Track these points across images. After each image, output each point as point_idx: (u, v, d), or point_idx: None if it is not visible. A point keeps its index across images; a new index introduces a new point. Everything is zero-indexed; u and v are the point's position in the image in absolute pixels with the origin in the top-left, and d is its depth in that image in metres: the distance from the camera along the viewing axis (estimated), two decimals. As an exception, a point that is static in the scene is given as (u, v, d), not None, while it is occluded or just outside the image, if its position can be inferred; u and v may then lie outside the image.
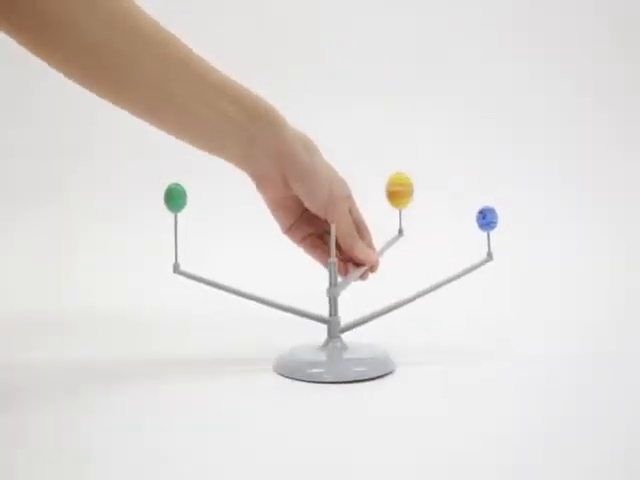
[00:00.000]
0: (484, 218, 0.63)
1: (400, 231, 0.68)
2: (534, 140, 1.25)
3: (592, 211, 1.16)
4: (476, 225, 0.63)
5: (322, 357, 0.61)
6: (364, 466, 0.42)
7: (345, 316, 0.63)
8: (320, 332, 0.63)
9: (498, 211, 0.63)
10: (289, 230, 0.65)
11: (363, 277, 0.65)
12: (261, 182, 0.62)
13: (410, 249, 0.66)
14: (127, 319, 0.86)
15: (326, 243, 0.64)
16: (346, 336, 0.63)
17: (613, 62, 1.28)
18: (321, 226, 0.65)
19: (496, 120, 1.26)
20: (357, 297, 0.66)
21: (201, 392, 0.57)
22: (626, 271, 1.01)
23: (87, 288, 1.01)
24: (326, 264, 0.62)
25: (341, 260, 0.64)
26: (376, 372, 0.59)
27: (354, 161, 1.14)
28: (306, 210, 0.64)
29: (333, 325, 0.62)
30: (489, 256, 0.63)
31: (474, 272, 0.63)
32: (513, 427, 0.49)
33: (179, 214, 0.59)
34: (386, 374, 0.60)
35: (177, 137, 0.61)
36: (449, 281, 0.64)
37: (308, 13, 1.28)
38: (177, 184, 0.58)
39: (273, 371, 0.61)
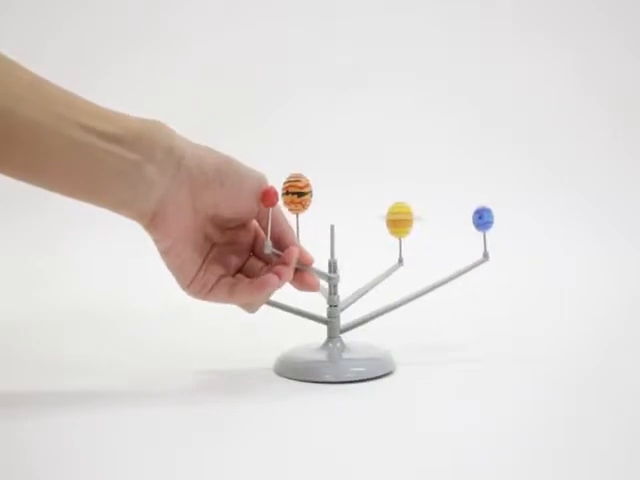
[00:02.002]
0: (480, 218, 0.63)
1: (400, 260, 0.67)
2: (532, 140, 1.25)
3: (590, 209, 1.18)
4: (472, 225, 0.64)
5: (322, 357, 0.61)
6: (364, 466, 0.42)
7: (345, 316, 0.63)
8: (320, 332, 0.63)
9: (494, 211, 0.63)
10: (195, 279, 0.55)
11: (309, 284, 0.58)
12: (160, 218, 0.52)
13: (408, 250, 0.66)
14: (126, 318, 0.86)
15: (247, 274, 0.57)
16: (346, 336, 0.63)
17: (614, 63, 1.28)
18: (235, 258, 0.57)
19: (495, 119, 1.26)
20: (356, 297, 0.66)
21: (200, 392, 0.57)
22: (625, 269, 1.03)
23: (86, 287, 1.01)
24: (255, 299, 0.56)
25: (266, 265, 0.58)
26: (376, 372, 0.60)
27: (353, 162, 1.15)
28: (214, 246, 0.57)
29: (333, 325, 0.63)
30: (485, 256, 0.64)
31: (472, 272, 0.64)
32: (513, 427, 0.49)
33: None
34: (386, 374, 0.60)
35: (37, 185, 0.51)
36: (446, 281, 0.64)
37: (308, 12, 1.28)
38: None
39: (273, 371, 0.62)
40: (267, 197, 0.55)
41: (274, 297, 0.63)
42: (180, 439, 0.46)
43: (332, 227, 0.62)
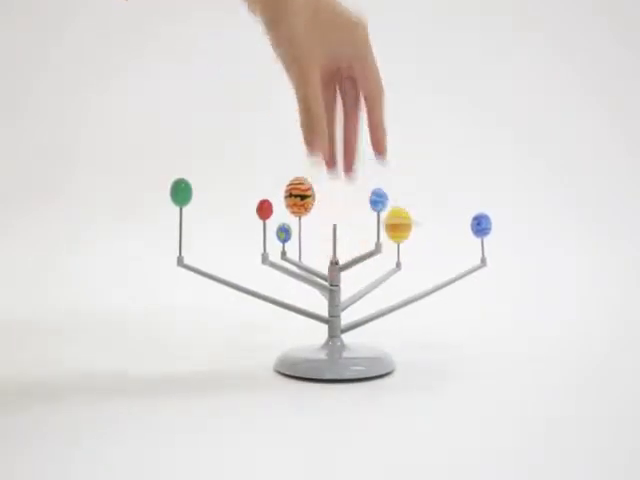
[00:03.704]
0: (479, 224, 0.65)
1: (398, 264, 0.67)
2: (532, 147, 1.25)
3: (588, 217, 1.18)
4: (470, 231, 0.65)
5: (322, 356, 0.61)
6: (364, 466, 0.42)
7: (346, 316, 0.64)
8: (320, 332, 0.64)
9: (492, 217, 0.65)
10: None
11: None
12: None
13: (410, 252, 0.67)
14: (127, 318, 0.87)
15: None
16: (346, 337, 0.64)
17: (614, 66, 1.28)
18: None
19: (494, 126, 1.26)
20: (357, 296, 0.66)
21: (201, 391, 0.57)
22: (623, 273, 1.03)
23: (87, 287, 1.02)
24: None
25: None
26: (375, 371, 0.60)
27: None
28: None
29: (334, 324, 0.63)
30: (483, 262, 0.65)
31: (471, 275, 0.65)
32: (513, 427, 0.49)
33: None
34: (386, 374, 0.61)
35: None
36: (445, 285, 0.65)
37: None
38: (183, 179, 0.60)
39: (273, 370, 0.62)
40: (261, 209, 0.60)
41: (275, 296, 0.64)
42: (180, 438, 0.46)
43: (334, 227, 0.63)
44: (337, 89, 0.62)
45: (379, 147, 0.61)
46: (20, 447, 0.45)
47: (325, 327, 0.64)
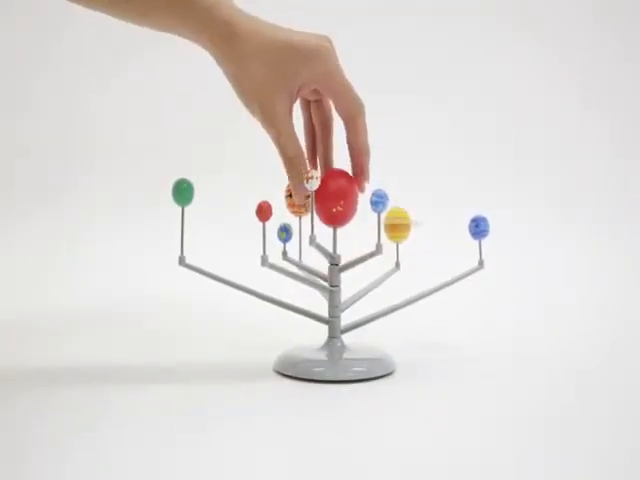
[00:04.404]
0: (477, 227, 0.64)
1: (397, 264, 0.67)
2: (532, 149, 1.26)
3: (588, 214, 1.18)
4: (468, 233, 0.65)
5: (322, 356, 0.61)
6: (364, 466, 0.42)
7: (346, 317, 0.64)
8: (321, 332, 0.64)
9: (492, 217, 0.65)
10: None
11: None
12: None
13: (409, 252, 0.67)
14: (128, 318, 0.87)
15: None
16: (346, 337, 0.64)
17: (613, 66, 1.29)
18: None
19: (494, 127, 1.27)
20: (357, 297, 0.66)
21: (200, 392, 0.57)
22: (623, 273, 1.04)
23: (87, 287, 1.02)
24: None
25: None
26: (376, 372, 0.60)
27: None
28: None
29: (334, 325, 0.63)
30: (480, 264, 0.65)
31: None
32: (513, 427, 0.49)
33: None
34: (386, 374, 0.61)
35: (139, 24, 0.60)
36: (442, 287, 0.65)
37: (305, 12, 1.28)
38: (185, 179, 0.60)
39: (273, 370, 0.62)
40: (261, 212, 0.59)
41: (276, 295, 0.64)
42: (179, 438, 0.46)
43: (335, 228, 0.63)
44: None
45: (360, 176, 0.60)
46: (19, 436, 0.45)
47: (325, 327, 0.64)
